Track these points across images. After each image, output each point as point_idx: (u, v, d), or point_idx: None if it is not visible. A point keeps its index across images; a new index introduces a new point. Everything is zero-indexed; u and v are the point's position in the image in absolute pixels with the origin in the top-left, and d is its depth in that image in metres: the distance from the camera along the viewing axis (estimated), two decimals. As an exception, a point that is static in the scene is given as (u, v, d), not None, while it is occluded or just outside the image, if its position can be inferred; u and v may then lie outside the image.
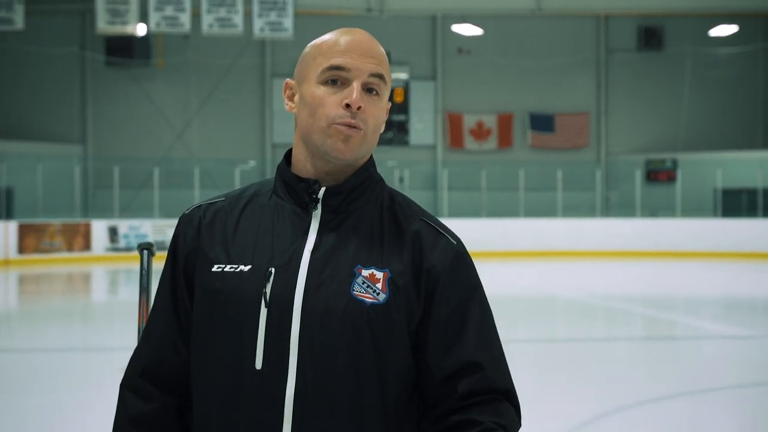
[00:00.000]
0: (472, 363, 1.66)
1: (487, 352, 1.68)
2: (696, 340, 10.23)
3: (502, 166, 26.79)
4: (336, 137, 1.65)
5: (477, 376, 1.65)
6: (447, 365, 1.66)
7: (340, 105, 1.65)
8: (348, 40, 1.69)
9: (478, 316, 1.70)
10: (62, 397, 6.84)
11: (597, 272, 19.93)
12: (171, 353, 1.73)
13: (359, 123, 1.65)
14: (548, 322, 11.74)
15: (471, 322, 1.68)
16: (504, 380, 1.68)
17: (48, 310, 12.95)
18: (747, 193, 25.56)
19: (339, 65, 1.66)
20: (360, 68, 1.66)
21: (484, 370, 1.66)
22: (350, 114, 1.64)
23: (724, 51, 27.12)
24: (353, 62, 1.66)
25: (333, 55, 1.67)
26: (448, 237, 1.72)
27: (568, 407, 6.51)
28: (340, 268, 1.65)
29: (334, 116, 1.65)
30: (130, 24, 20.51)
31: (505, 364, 1.71)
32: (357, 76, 1.66)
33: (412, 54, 26.93)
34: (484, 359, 1.67)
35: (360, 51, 1.67)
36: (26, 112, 25.69)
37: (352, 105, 1.64)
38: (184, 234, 1.75)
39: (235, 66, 26.33)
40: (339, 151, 1.65)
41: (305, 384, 1.60)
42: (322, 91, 1.67)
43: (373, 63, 1.68)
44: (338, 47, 1.68)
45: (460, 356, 1.66)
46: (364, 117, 1.66)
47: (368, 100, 1.67)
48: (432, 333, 1.67)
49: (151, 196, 24.68)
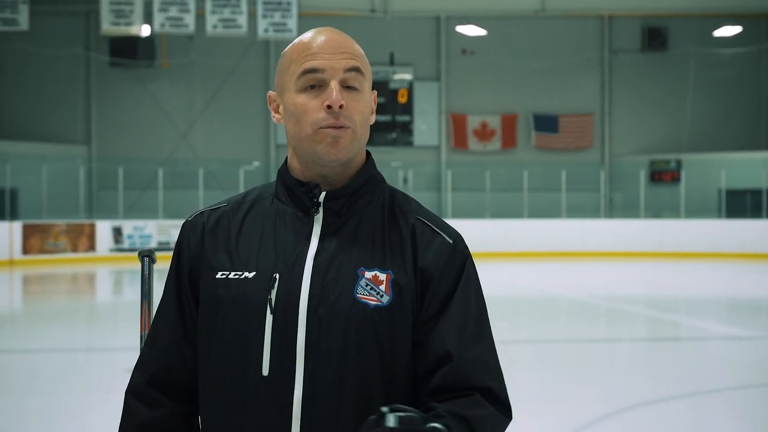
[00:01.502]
0: (444, 356, 1.63)
1: (464, 346, 1.64)
2: (699, 341, 10.23)
3: (505, 167, 26.79)
4: (324, 141, 1.64)
5: (447, 368, 1.62)
6: (424, 359, 1.64)
7: (322, 108, 1.64)
8: (317, 41, 1.67)
9: (461, 309, 1.67)
10: (66, 398, 6.86)
11: (600, 273, 19.92)
12: (177, 359, 1.72)
13: (345, 122, 1.64)
14: (551, 322, 11.74)
15: (452, 314, 1.66)
16: (483, 377, 1.63)
17: (52, 311, 12.98)
18: (751, 194, 25.53)
19: (312, 68, 1.65)
20: (334, 66, 1.65)
21: (456, 363, 1.62)
22: (334, 115, 1.63)
23: (728, 51, 27.09)
24: (326, 62, 1.65)
25: (304, 60, 1.66)
26: (443, 235, 1.71)
27: (570, 408, 6.52)
28: (344, 271, 1.65)
29: (318, 120, 1.64)
30: (135, 25, 20.54)
31: (489, 360, 1.66)
32: (332, 75, 1.65)
33: (416, 55, 26.93)
34: (458, 352, 1.63)
35: (330, 49, 1.66)
36: (31, 112, 25.72)
37: (333, 105, 1.63)
38: (187, 241, 1.75)
39: (239, 67, 26.35)
40: (331, 153, 1.64)
41: (312, 389, 1.60)
42: (302, 98, 1.66)
43: (346, 57, 1.66)
44: (308, 50, 1.67)
45: (435, 349, 1.64)
46: (349, 114, 1.64)
47: (349, 96, 1.65)
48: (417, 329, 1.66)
49: (156, 197, 24.69)
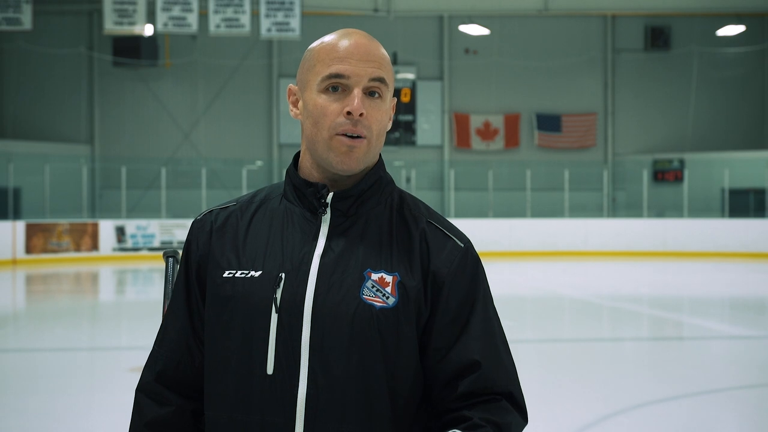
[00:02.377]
0: (472, 363, 1.66)
1: (489, 353, 1.68)
2: (703, 341, 10.22)
3: (508, 166, 26.78)
4: (338, 150, 1.64)
5: (475, 376, 1.66)
6: (449, 366, 1.67)
7: (342, 113, 1.64)
8: (346, 45, 1.66)
9: (482, 316, 1.70)
10: (69, 398, 6.86)
11: (603, 272, 19.91)
12: (186, 357, 1.74)
13: (362, 130, 1.64)
14: (554, 322, 11.73)
15: (474, 322, 1.69)
16: (506, 383, 1.68)
17: (55, 310, 12.99)
18: (754, 193, 25.51)
19: (338, 73, 1.64)
20: (359, 74, 1.64)
21: (484, 371, 1.66)
22: (352, 122, 1.63)
23: (731, 51, 27.07)
24: (352, 68, 1.64)
25: (331, 63, 1.65)
26: (455, 239, 1.72)
27: (573, 407, 6.52)
28: (350, 272, 1.65)
29: (336, 125, 1.64)
30: (138, 24, 20.55)
31: (509, 366, 1.71)
32: (357, 83, 1.64)
33: (419, 54, 26.93)
34: (485, 360, 1.67)
35: (358, 56, 1.65)
36: (34, 112, 25.74)
37: (354, 113, 1.63)
38: (196, 239, 1.76)
39: (242, 66, 26.36)
40: (344, 163, 1.65)
41: (316, 388, 1.61)
42: (323, 100, 1.65)
43: (373, 67, 1.66)
44: (336, 53, 1.66)
45: (462, 357, 1.66)
46: (368, 123, 1.65)
47: (370, 105, 1.65)
48: (436, 334, 1.67)
49: (159, 197, 24.71)
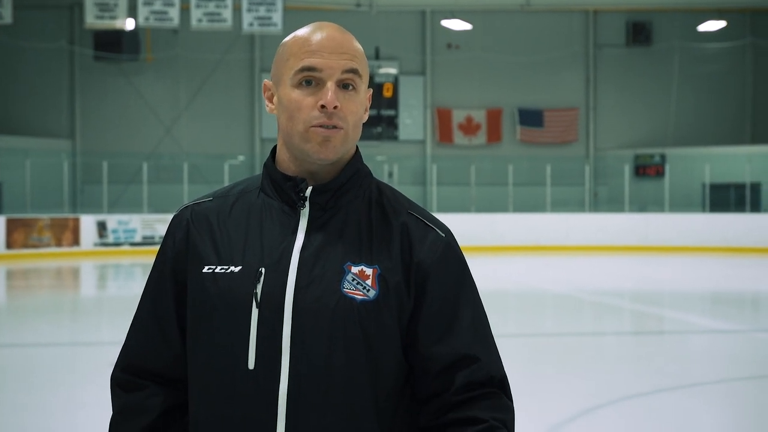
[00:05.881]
0: (468, 355, 1.66)
1: (483, 343, 1.68)
2: (684, 335, 10.28)
3: (491, 161, 26.84)
4: (315, 140, 1.64)
5: (474, 367, 1.66)
6: (442, 357, 1.66)
7: (316, 107, 1.63)
8: (318, 38, 1.65)
9: (471, 306, 1.70)
10: (51, 393, 6.83)
11: (585, 267, 19.99)
12: (150, 347, 1.75)
13: (338, 122, 1.64)
14: (537, 316, 11.77)
15: (464, 313, 1.69)
16: (498, 369, 1.69)
17: (36, 305, 12.92)
18: (735, 188, 25.69)
19: (310, 66, 1.64)
20: (332, 66, 1.64)
21: (481, 361, 1.67)
22: (327, 114, 1.63)
23: (712, 46, 27.21)
24: (325, 61, 1.64)
25: (304, 56, 1.64)
26: (436, 230, 1.72)
27: (556, 401, 6.54)
28: (330, 265, 1.65)
29: (310, 119, 1.63)
30: (119, 18, 20.46)
31: (497, 353, 1.72)
32: (330, 76, 1.64)
33: (402, 49, 26.92)
34: (480, 350, 1.67)
35: (330, 48, 1.64)
36: (14, 106, 25.59)
37: (328, 106, 1.62)
38: (173, 235, 1.76)
39: (224, 61, 26.28)
40: (320, 153, 1.64)
41: (298, 383, 1.61)
42: (297, 94, 1.65)
43: (345, 59, 1.65)
44: (308, 47, 1.65)
45: (456, 348, 1.66)
46: (343, 115, 1.64)
47: (344, 97, 1.65)
48: (424, 326, 1.67)
49: (140, 191, 24.62)
